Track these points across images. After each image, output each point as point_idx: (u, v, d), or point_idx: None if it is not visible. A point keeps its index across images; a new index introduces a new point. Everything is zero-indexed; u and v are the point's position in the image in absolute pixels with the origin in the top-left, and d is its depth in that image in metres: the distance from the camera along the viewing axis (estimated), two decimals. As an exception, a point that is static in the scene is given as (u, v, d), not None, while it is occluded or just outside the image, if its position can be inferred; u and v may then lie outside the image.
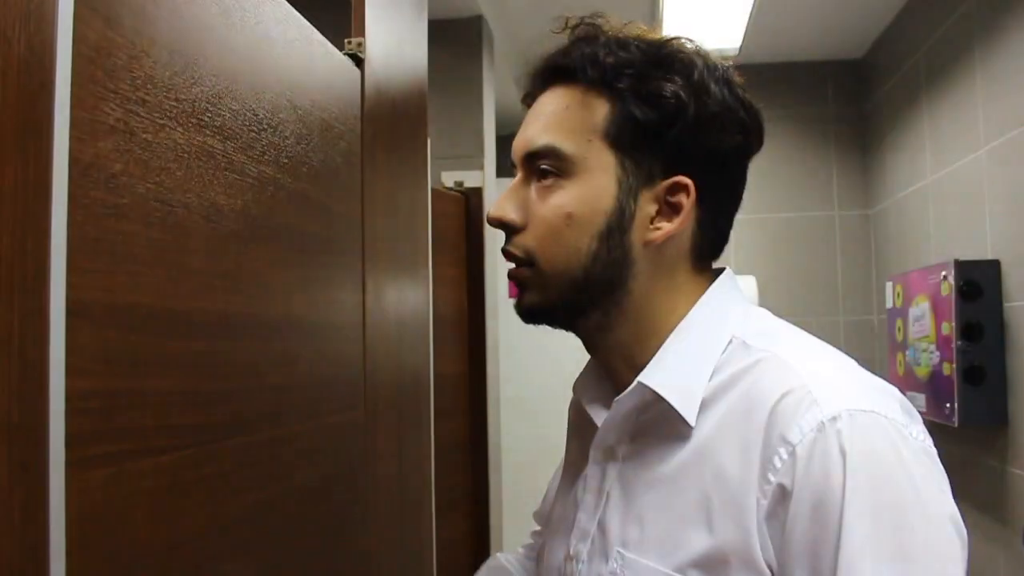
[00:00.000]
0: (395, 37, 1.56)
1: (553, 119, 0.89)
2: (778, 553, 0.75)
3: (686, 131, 0.86)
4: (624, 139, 0.87)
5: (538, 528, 1.27)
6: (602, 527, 0.89)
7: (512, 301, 0.96)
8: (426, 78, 1.78)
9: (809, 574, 0.73)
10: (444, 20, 3.00)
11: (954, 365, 2.53)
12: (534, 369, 3.62)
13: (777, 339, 0.87)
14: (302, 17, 1.13)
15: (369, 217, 1.35)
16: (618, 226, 0.87)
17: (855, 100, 3.93)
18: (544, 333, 0.97)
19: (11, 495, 0.59)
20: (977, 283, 2.51)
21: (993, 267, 2.52)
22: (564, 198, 0.87)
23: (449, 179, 2.87)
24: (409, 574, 1.58)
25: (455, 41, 3.05)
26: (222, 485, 0.90)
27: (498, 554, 1.28)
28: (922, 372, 2.79)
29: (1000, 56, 2.53)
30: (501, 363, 3.02)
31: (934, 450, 0.79)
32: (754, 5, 3.14)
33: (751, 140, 0.92)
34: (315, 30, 1.18)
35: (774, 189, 3.91)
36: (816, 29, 3.58)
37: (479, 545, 2.76)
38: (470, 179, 2.91)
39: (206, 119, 0.87)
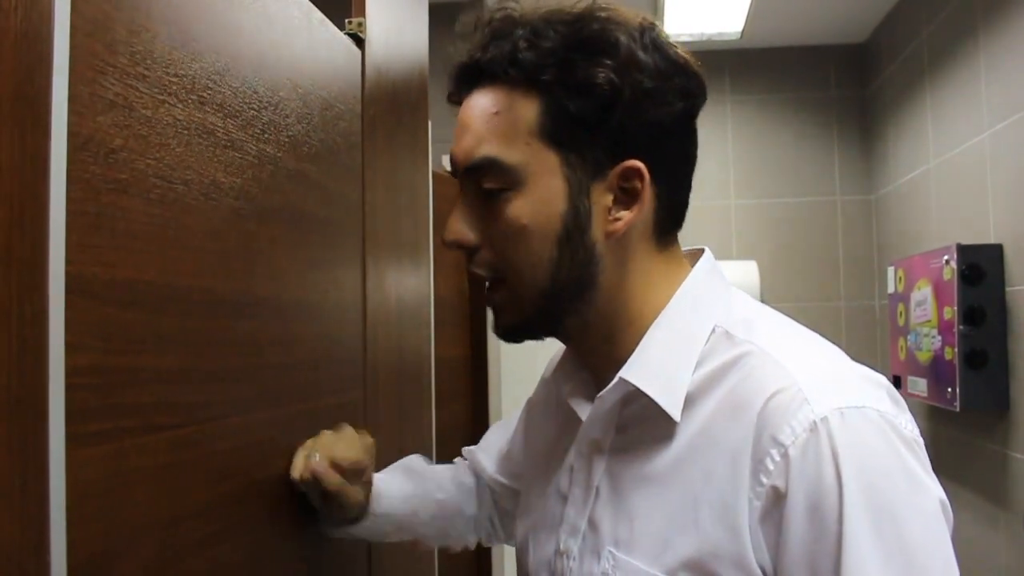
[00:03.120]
0: (396, 18, 1.55)
1: (484, 128, 0.84)
2: (773, 556, 0.74)
3: (625, 114, 0.80)
4: (562, 135, 0.82)
5: (468, 451, 1.29)
6: (593, 524, 0.87)
7: None
8: (427, 60, 1.77)
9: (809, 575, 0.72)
10: (446, 3, 2.98)
11: (956, 350, 2.53)
12: (535, 353, 3.61)
13: (760, 330, 0.84)
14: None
15: (370, 198, 1.35)
16: (576, 227, 0.83)
17: (857, 84, 3.92)
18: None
19: (11, 471, 0.59)
20: (979, 267, 2.51)
21: (995, 251, 2.51)
22: (516, 210, 0.83)
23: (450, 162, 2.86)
24: (409, 556, 1.58)
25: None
26: (221, 463, 0.90)
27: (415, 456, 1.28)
28: (924, 357, 2.79)
29: (1003, 40, 2.52)
30: (502, 346, 3.02)
31: (921, 439, 0.77)
32: (757, -12, 3.13)
33: (694, 101, 0.85)
34: (315, 8, 1.17)
35: (775, 174, 3.90)
36: (818, 13, 3.56)
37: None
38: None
39: (206, 96, 0.86)
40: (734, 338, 0.83)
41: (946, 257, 2.60)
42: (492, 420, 2.80)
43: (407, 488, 1.17)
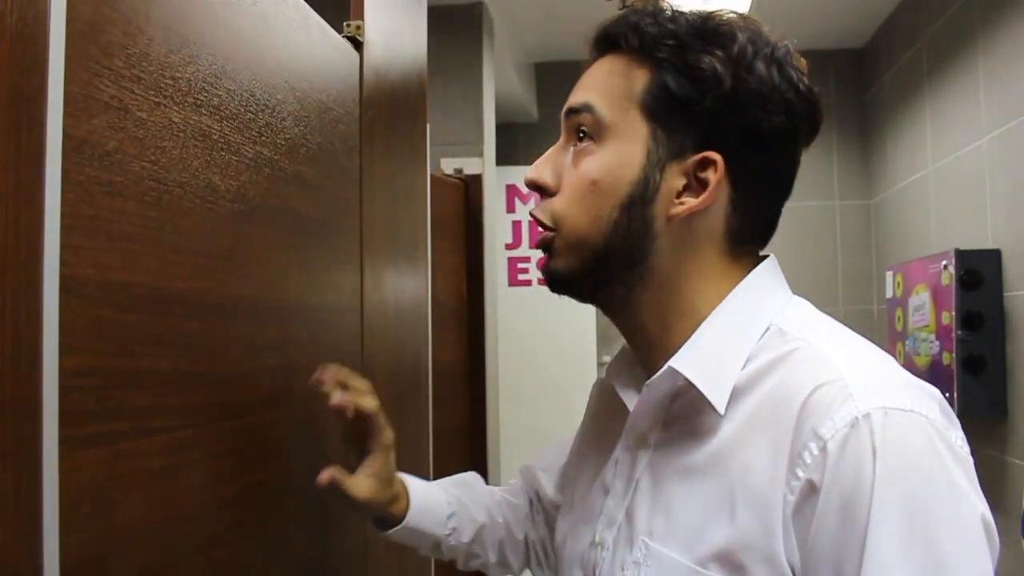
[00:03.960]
0: (395, 21, 1.56)
1: (596, 83, 0.89)
2: (803, 552, 0.72)
3: (720, 106, 0.83)
4: (659, 110, 0.85)
5: (525, 469, 1.26)
6: (629, 515, 0.87)
7: (512, 289, 0.95)
8: (425, 63, 1.77)
9: (833, 575, 0.71)
10: (445, 6, 2.99)
11: (954, 355, 2.53)
12: (532, 356, 3.62)
13: (815, 329, 0.84)
14: (301, -1, 1.13)
15: (367, 201, 1.35)
16: (641, 197, 0.85)
17: (856, 89, 3.92)
18: (544, 322, 0.95)
19: (4, 473, 0.59)
20: (978, 272, 2.51)
21: (994, 256, 2.51)
22: (592, 164, 0.86)
23: (449, 166, 2.86)
24: (406, 559, 1.58)
25: (455, 28, 3.03)
26: (216, 466, 0.90)
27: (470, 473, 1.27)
28: (922, 362, 2.79)
29: (1002, 45, 2.52)
30: (500, 350, 3.02)
31: (971, 458, 0.75)
32: (756, -7, 3.13)
33: (798, 123, 0.88)
34: (312, 11, 1.17)
35: (775, 178, 3.90)
36: (818, 18, 3.57)
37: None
38: (470, 166, 2.90)
39: (202, 98, 0.86)
40: (786, 335, 0.83)
41: (944, 262, 2.60)
42: (489, 423, 2.80)
43: (451, 507, 1.16)
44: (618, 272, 0.87)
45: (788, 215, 0.95)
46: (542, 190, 0.90)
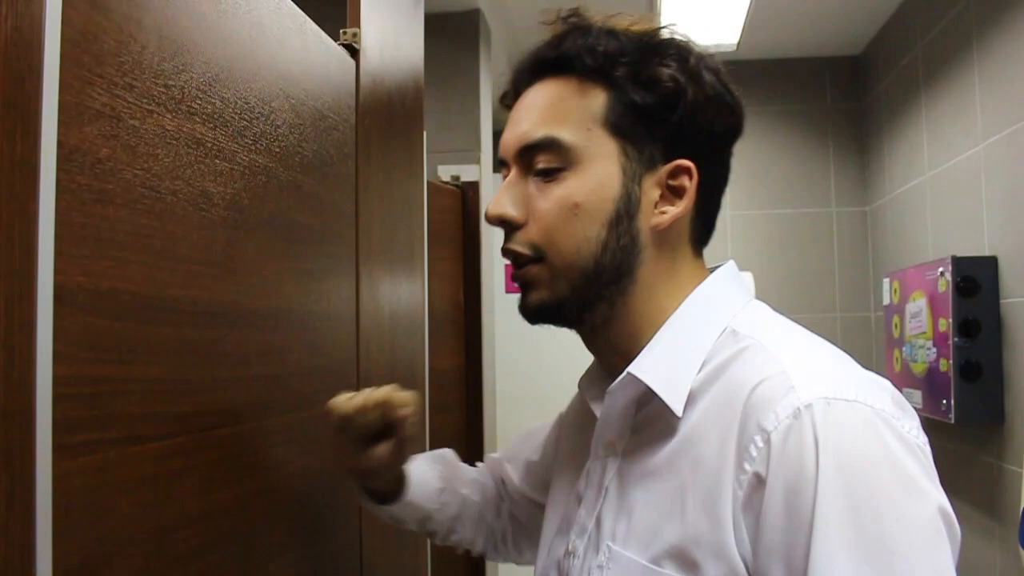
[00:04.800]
0: (391, 29, 1.56)
1: (549, 111, 0.88)
2: (753, 544, 0.73)
3: (685, 114, 0.85)
4: (624, 125, 0.86)
5: (492, 460, 1.29)
6: (598, 522, 0.89)
7: (509, 296, 0.95)
8: (422, 71, 1.77)
9: (783, 567, 0.71)
10: (441, 13, 2.99)
11: (951, 362, 2.53)
12: (529, 364, 3.62)
13: (766, 328, 0.86)
14: (296, 6, 1.13)
15: (364, 209, 1.35)
16: (626, 212, 0.86)
17: (853, 96, 3.93)
18: (540, 328, 0.95)
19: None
20: (974, 279, 2.51)
21: (990, 263, 2.52)
22: (570, 188, 0.86)
23: (445, 173, 2.87)
24: (402, 568, 1.58)
25: (452, 35, 3.04)
26: (210, 474, 0.90)
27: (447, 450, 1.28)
28: (919, 368, 2.79)
29: (998, 52, 2.53)
30: (497, 357, 3.02)
31: (928, 449, 0.76)
32: (752, 1, 3.13)
33: (740, 123, 0.92)
34: (308, 19, 1.17)
35: (772, 185, 3.91)
36: (814, 25, 3.57)
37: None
38: (467, 173, 2.90)
39: (196, 106, 0.86)
40: (738, 335, 0.85)
41: (941, 269, 2.60)
42: (486, 430, 2.80)
43: (440, 482, 1.18)
44: (606, 290, 0.87)
45: (785, 222, 0.98)
46: (509, 224, 0.89)
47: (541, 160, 0.87)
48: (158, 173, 0.79)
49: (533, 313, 0.91)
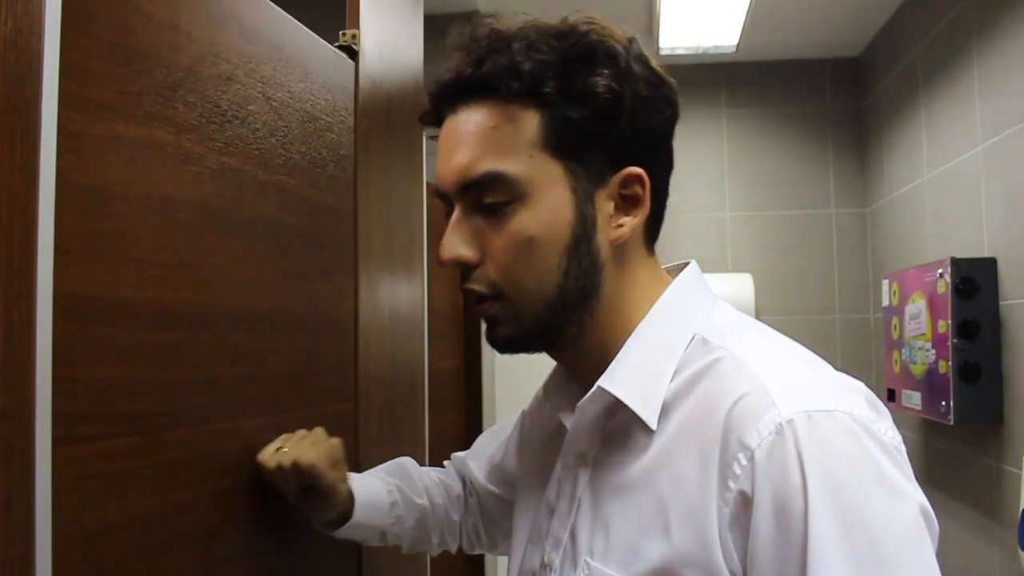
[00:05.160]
0: (391, 30, 1.56)
1: (483, 141, 0.82)
2: (743, 562, 0.72)
3: (626, 122, 0.82)
4: (565, 145, 0.82)
5: (457, 458, 1.29)
6: (573, 535, 0.87)
7: None
8: (422, 72, 1.77)
9: None
10: (440, 15, 2.99)
11: (950, 363, 2.53)
12: (528, 365, 3.61)
13: (736, 336, 0.84)
14: (279, 9, 1.12)
15: (362, 210, 1.35)
16: (584, 235, 0.83)
17: (852, 98, 3.93)
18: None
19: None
20: (974, 281, 2.51)
21: (990, 265, 2.52)
22: (522, 223, 0.82)
23: (445, 174, 2.86)
24: (400, 559, 1.58)
25: (452, 36, 3.04)
26: (169, 474, 0.90)
27: (405, 458, 1.28)
28: (918, 370, 2.79)
29: (997, 54, 2.53)
30: (496, 359, 3.02)
31: (903, 446, 0.76)
32: (751, 3, 3.14)
33: (676, 109, 0.88)
34: (301, 26, 1.17)
35: (771, 187, 3.91)
36: (813, 27, 3.58)
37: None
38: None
39: (154, 111, 0.85)
40: (709, 344, 0.83)
41: (940, 270, 2.60)
42: (485, 430, 2.79)
43: (392, 496, 1.17)
44: (572, 314, 0.85)
45: (784, 223, 0.97)
46: (464, 265, 0.86)
47: (487, 196, 0.83)
48: (109, 179, 0.78)
49: (502, 347, 0.89)
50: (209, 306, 0.96)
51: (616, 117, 0.81)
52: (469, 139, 0.83)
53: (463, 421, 2.74)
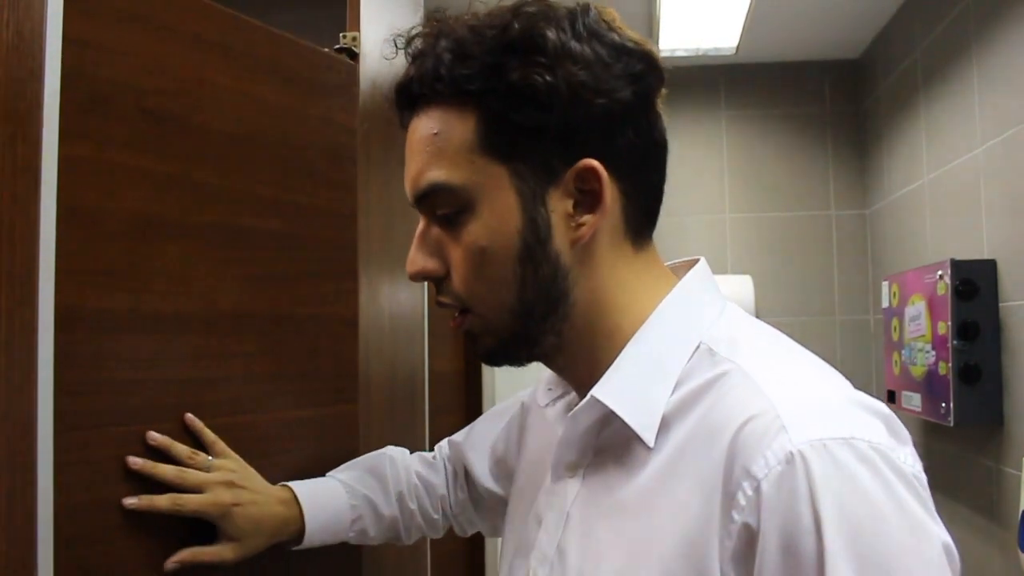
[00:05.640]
0: (391, 32, 1.56)
1: (426, 152, 0.79)
2: None
3: (567, 112, 0.74)
4: (505, 146, 0.76)
5: (455, 447, 1.24)
6: (561, 552, 0.81)
7: None
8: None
9: None
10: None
11: (950, 364, 2.53)
12: (528, 367, 3.60)
13: (746, 346, 0.77)
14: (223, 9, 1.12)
15: (363, 212, 1.35)
16: (536, 240, 0.77)
17: (852, 100, 3.93)
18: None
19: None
20: (973, 282, 2.51)
21: (989, 266, 2.52)
22: (472, 233, 0.78)
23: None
24: (400, 552, 1.58)
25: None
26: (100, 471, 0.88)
27: (390, 448, 1.25)
28: (918, 371, 2.79)
29: (997, 56, 2.53)
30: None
31: (924, 476, 0.69)
32: (751, 5, 3.14)
33: (645, 84, 0.78)
34: (279, 32, 1.16)
35: (771, 188, 3.91)
36: (813, 29, 3.58)
37: (472, 542, 2.76)
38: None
39: (73, 127, 0.83)
40: (716, 355, 0.76)
41: (940, 272, 2.60)
42: (486, 434, 2.79)
43: (355, 511, 1.15)
44: (544, 323, 0.80)
45: (784, 225, 0.94)
46: (432, 278, 0.83)
47: (438, 208, 0.80)
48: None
49: (487, 358, 0.85)
50: (142, 310, 0.94)
51: (553, 108, 0.74)
52: (416, 148, 0.81)
53: (463, 423, 2.74)
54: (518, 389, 1.15)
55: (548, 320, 0.80)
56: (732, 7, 3.18)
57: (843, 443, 0.65)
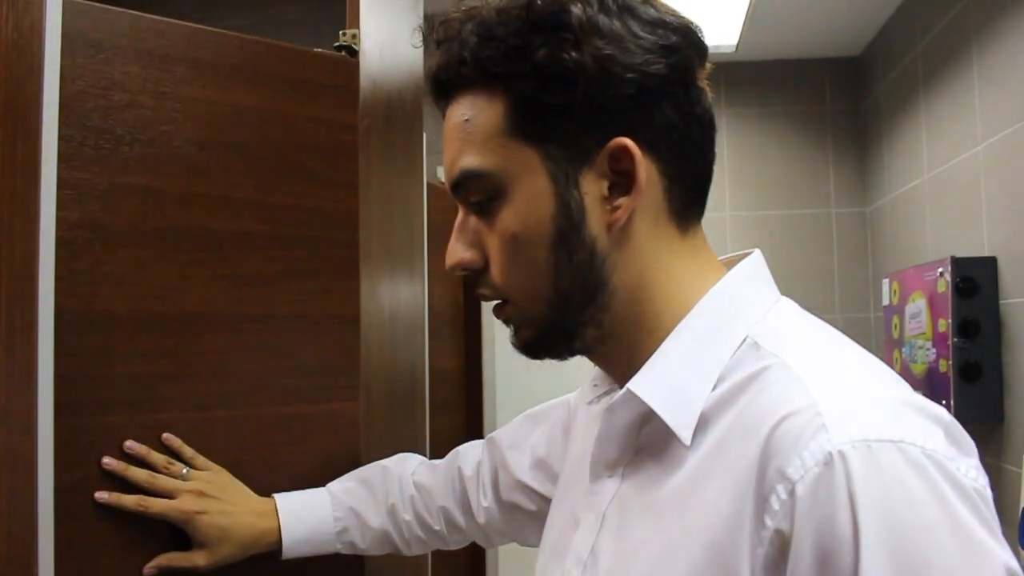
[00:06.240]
0: (391, 29, 1.56)
1: (459, 139, 0.77)
2: None
3: (595, 88, 0.71)
4: (535, 127, 0.73)
5: (496, 440, 1.19)
6: (595, 553, 0.77)
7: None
8: (422, 72, 1.77)
9: None
10: (440, 14, 2.99)
11: (950, 362, 2.53)
12: (530, 364, 3.60)
13: (794, 341, 0.72)
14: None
15: (363, 210, 1.35)
16: (569, 225, 0.74)
17: (852, 97, 3.93)
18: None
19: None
20: (974, 280, 2.51)
21: (990, 264, 2.52)
22: (504, 220, 0.75)
23: (445, 174, 2.86)
24: (403, 568, 1.58)
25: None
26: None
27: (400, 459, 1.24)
28: (918, 369, 2.79)
29: (997, 53, 2.53)
30: (497, 358, 3.02)
31: (989, 492, 0.62)
32: (751, 2, 3.13)
33: (681, 57, 0.75)
34: (264, 39, 1.18)
35: (771, 186, 3.91)
36: (813, 26, 3.57)
37: (474, 544, 2.76)
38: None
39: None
40: (761, 349, 0.71)
41: (940, 270, 2.60)
42: (486, 431, 2.80)
43: (338, 523, 1.15)
44: (582, 313, 0.76)
45: (784, 223, 0.93)
46: (470, 269, 0.80)
47: (472, 195, 0.77)
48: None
49: (524, 352, 0.82)
50: (94, 310, 0.97)
51: (579, 85, 0.71)
52: (450, 137, 0.79)
53: (464, 421, 2.74)
54: (520, 388, 1.14)
55: (587, 310, 0.76)
56: (732, 5, 3.17)
57: (891, 446, 0.59)
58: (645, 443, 0.77)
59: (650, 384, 0.73)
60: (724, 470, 0.67)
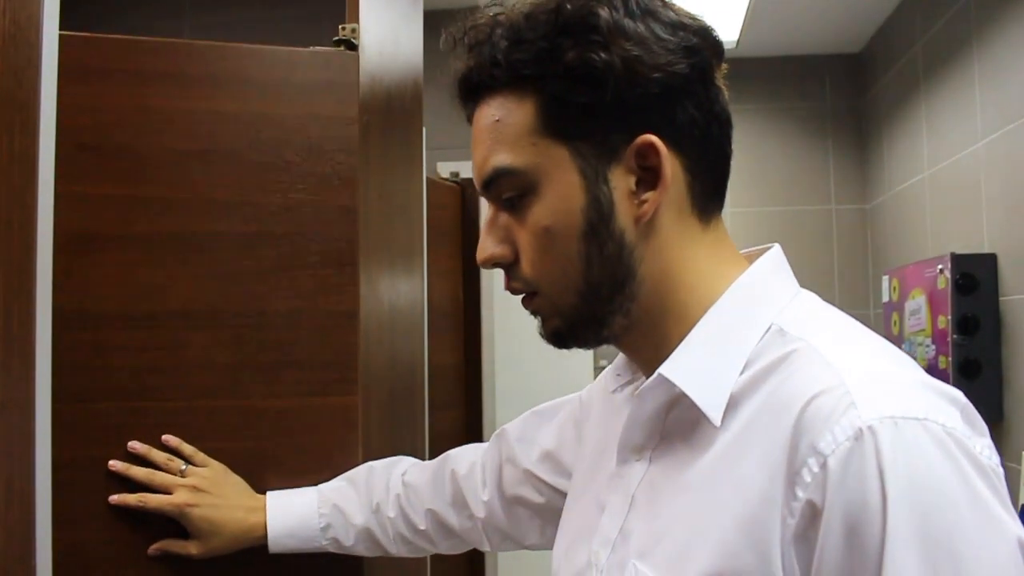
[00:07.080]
0: (391, 24, 1.56)
1: (490, 139, 0.80)
2: None
3: (623, 88, 0.75)
4: (565, 126, 0.77)
5: (508, 434, 1.18)
6: (624, 534, 0.80)
7: (508, 292, 0.90)
8: (422, 67, 1.77)
9: None
10: (441, 10, 2.98)
11: (950, 359, 2.53)
12: (529, 360, 3.61)
13: (820, 326, 0.77)
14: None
15: (363, 205, 1.35)
16: (599, 218, 0.77)
17: (853, 94, 3.93)
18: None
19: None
20: (973, 276, 2.51)
21: (990, 260, 2.52)
22: (536, 214, 0.79)
23: (444, 169, 2.86)
24: (404, 569, 1.58)
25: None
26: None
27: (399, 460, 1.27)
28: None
29: (997, 50, 2.53)
30: (496, 354, 3.02)
31: (1001, 470, 0.66)
32: (752, -3, 3.14)
33: (701, 57, 0.79)
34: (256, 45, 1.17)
35: (771, 183, 3.91)
36: (814, 23, 3.57)
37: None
38: (466, 169, 2.89)
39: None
40: (787, 335, 0.75)
41: (940, 266, 2.60)
42: (486, 427, 2.80)
43: (322, 520, 1.18)
44: (611, 303, 0.80)
45: (785, 219, 0.93)
46: (502, 264, 0.83)
47: (504, 192, 0.81)
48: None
49: (552, 342, 0.85)
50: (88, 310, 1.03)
51: (608, 85, 0.75)
52: (480, 137, 0.82)
53: (463, 417, 2.74)
54: (519, 383, 1.14)
55: (615, 300, 0.80)
56: (733, 1, 3.17)
57: (916, 423, 0.63)
58: (672, 428, 0.80)
59: (680, 368, 0.76)
60: (755, 448, 0.70)
